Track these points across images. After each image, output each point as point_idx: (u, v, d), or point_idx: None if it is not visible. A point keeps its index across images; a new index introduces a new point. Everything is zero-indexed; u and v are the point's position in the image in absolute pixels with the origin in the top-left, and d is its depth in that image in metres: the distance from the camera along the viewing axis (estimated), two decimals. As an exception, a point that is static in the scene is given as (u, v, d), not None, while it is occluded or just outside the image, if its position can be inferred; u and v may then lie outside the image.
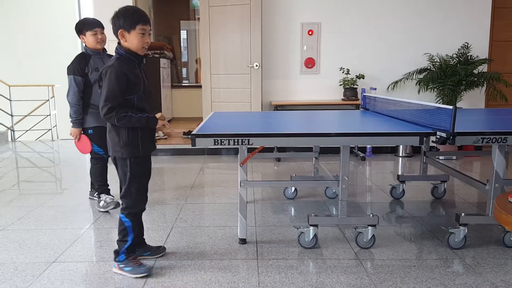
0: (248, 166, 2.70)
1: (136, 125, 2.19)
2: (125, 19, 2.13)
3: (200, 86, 6.06)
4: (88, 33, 3.30)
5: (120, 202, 2.37)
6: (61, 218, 3.29)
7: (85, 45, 3.37)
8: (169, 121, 8.00)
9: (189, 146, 5.85)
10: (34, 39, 9.71)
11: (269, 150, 5.38)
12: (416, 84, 5.67)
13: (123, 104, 2.15)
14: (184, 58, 9.47)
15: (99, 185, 3.50)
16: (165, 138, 6.40)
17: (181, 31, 9.24)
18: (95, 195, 3.55)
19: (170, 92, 8.26)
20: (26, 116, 8.16)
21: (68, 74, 3.27)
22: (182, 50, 9.38)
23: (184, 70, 9.52)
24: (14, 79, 8.20)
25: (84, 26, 3.32)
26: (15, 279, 2.29)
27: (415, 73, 5.61)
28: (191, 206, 3.56)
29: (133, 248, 2.34)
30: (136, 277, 2.28)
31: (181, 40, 9.28)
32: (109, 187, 3.55)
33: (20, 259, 2.55)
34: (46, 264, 2.47)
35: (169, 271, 2.37)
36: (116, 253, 2.32)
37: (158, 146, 5.88)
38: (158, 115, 2.29)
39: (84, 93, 3.29)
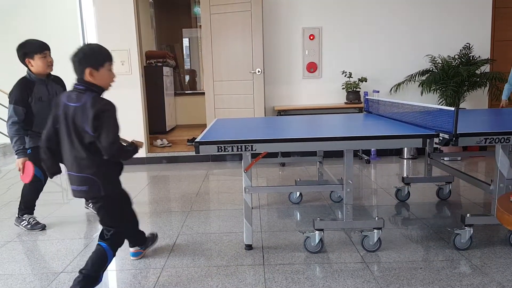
0: (252, 171, 2.72)
1: (130, 155, 2.23)
2: (93, 57, 2.09)
3: (203, 93, 6.09)
4: (37, 56, 3.05)
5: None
6: (67, 228, 3.31)
7: (29, 70, 3.10)
8: (173, 129, 8.04)
9: (193, 153, 5.88)
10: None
11: (273, 155, 5.39)
12: (418, 86, 5.66)
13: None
14: (187, 66, 9.52)
15: (27, 206, 3.32)
16: (170, 146, 6.43)
17: (184, 39, 9.29)
18: (19, 215, 3.34)
19: (174, 100, 8.31)
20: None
21: (9, 103, 3.03)
22: (184, 58, 9.43)
23: (187, 77, 9.57)
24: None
25: (32, 48, 3.05)
26: (24, 290, 2.31)
27: (417, 75, 5.61)
28: (196, 213, 3.58)
29: None
30: None
31: (184, 48, 9.33)
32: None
33: (28, 270, 2.57)
34: (54, 275, 2.49)
35: (176, 278, 2.38)
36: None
37: (162, 154, 5.94)
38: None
39: (25, 123, 3.05)
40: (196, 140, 2.45)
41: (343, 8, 5.65)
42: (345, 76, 5.63)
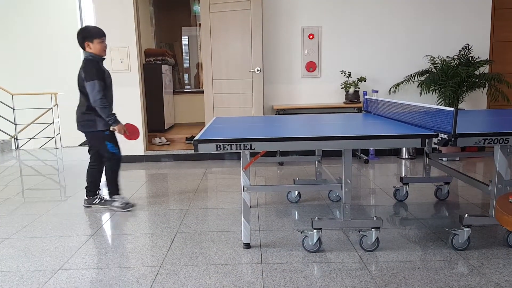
0: (251, 170, 2.72)
1: None
2: None
3: (202, 92, 6.08)
4: (96, 41, 3.45)
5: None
6: (65, 225, 3.31)
7: (91, 52, 3.46)
8: (171, 127, 8.03)
9: (192, 152, 5.88)
10: (36, 48, 9.79)
11: (272, 154, 5.39)
12: (417, 86, 5.67)
13: None
14: (186, 64, 9.51)
15: (113, 186, 3.69)
16: (168, 144, 6.43)
17: (183, 37, 9.27)
18: (110, 197, 3.71)
19: (173, 98, 8.30)
20: (30, 124, 8.21)
21: (89, 80, 3.37)
22: (184, 56, 9.41)
23: (186, 76, 9.56)
24: (17, 87, 8.27)
25: (92, 34, 3.45)
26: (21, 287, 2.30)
27: (416, 75, 5.61)
28: (194, 212, 3.57)
29: None
30: None
31: (183, 46, 9.32)
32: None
33: (26, 267, 2.56)
34: (52, 272, 2.48)
35: (174, 277, 2.38)
36: None
37: (161, 152, 5.94)
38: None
39: (105, 96, 3.45)
40: (195, 139, 2.45)
41: (343, 7, 5.65)
42: (344, 75, 5.63)
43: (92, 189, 3.78)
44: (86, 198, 3.78)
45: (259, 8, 5.25)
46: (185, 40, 9.32)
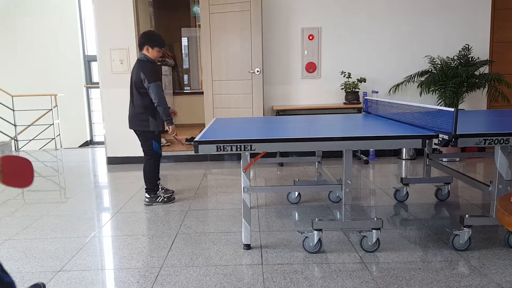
0: (251, 171, 2.71)
1: None
2: None
3: (201, 93, 6.08)
4: (156, 49, 3.67)
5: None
6: (66, 227, 3.30)
7: (147, 55, 3.67)
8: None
9: (192, 153, 5.88)
10: (36, 49, 9.78)
11: (272, 155, 5.39)
12: (417, 86, 5.67)
13: None
14: (186, 65, 9.50)
15: (153, 183, 3.82)
16: (168, 145, 6.42)
17: (182, 38, 9.27)
18: (151, 196, 3.83)
19: (172, 99, 8.29)
20: (30, 126, 8.21)
21: (152, 81, 3.57)
22: (183, 57, 9.41)
23: (185, 76, 9.55)
24: (17, 89, 8.27)
25: (157, 42, 3.68)
26: (22, 289, 2.30)
27: (416, 76, 5.62)
28: (195, 213, 3.57)
29: None
30: None
31: (183, 47, 9.31)
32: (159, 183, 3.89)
33: (27, 268, 2.56)
34: (53, 273, 2.48)
35: (174, 278, 2.37)
36: None
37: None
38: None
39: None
40: (195, 140, 2.44)
41: (343, 8, 5.65)
42: (344, 76, 5.63)
43: (151, 186, 3.89)
44: (152, 195, 3.87)
45: (258, 9, 5.26)
46: (184, 41, 9.32)
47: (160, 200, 3.84)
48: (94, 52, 8.88)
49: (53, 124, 8.09)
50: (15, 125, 7.82)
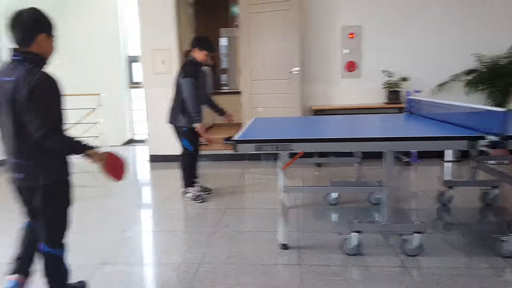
0: (288, 171, 2.70)
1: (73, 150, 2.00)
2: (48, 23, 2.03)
3: (239, 92, 6.11)
4: (206, 52, 3.77)
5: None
6: (110, 221, 3.42)
7: (194, 57, 3.79)
8: (209, 127, 8.12)
9: (230, 152, 5.92)
10: (80, 51, 10.20)
11: (309, 155, 5.34)
12: (463, 86, 5.45)
13: None
14: (224, 65, 9.60)
15: (188, 179, 3.90)
16: (206, 144, 6.50)
17: (221, 39, 9.37)
18: (184, 190, 3.97)
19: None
20: (76, 124, 8.55)
21: (185, 77, 3.68)
22: (222, 57, 9.51)
23: (223, 76, 9.66)
24: (63, 88, 8.63)
25: (206, 46, 3.79)
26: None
27: (462, 75, 5.40)
28: (232, 211, 3.60)
29: None
30: None
31: (221, 47, 9.42)
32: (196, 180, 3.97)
33: (73, 260, 2.66)
34: (97, 266, 2.57)
35: (212, 274, 2.40)
36: None
37: (200, 152, 6.00)
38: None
39: (196, 94, 3.72)
40: (234, 139, 2.46)
41: (384, 5, 5.51)
42: (385, 75, 5.49)
43: (188, 181, 3.99)
44: (183, 189, 4.00)
45: (297, 8, 5.22)
46: (223, 41, 9.42)
47: (189, 196, 3.89)
48: (136, 53, 9.11)
49: (97, 122, 8.40)
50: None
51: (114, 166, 2.14)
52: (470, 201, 3.68)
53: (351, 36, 5.55)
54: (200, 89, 3.80)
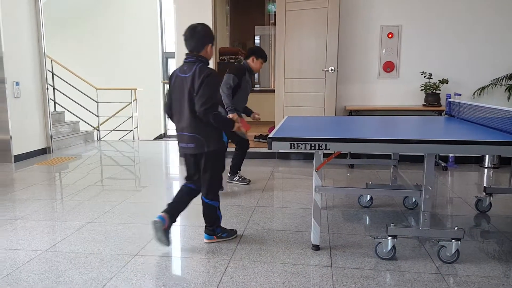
0: (319, 171, 2.66)
1: (222, 125, 2.74)
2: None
3: (271, 91, 6.09)
4: (260, 61, 4.19)
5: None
6: (142, 213, 3.47)
7: (248, 63, 4.20)
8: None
9: (260, 150, 5.92)
10: (118, 46, 10.45)
11: (343, 156, 5.27)
12: (505, 90, 5.24)
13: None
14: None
15: (233, 167, 4.48)
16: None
17: (256, 36, 9.37)
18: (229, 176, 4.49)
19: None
20: (111, 117, 8.76)
21: (228, 73, 4.05)
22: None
23: (256, 74, 9.65)
24: (100, 82, 8.86)
25: (264, 56, 4.21)
26: (101, 269, 2.45)
27: (504, 79, 5.19)
28: (262, 209, 3.58)
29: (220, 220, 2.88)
30: (233, 238, 2.89)
31: (255, 45, 9.41)
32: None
33: (106, 250, 2.72)
34: (129, 257, 2.61)
35: (243, 271, 2.39)
36: (211, 229, 2.80)
37: (230, 149, 6.02)
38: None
39: (233, 90, 4.08)
40: (269, 136, 2.45)
41: (425, 5, 5.36)
42: (424, 77, 5.34)
43: (233, 169, 4.47)
44: (229, 175, 4.48)
45: (336, 6, 5.15)
46: (257, 39, 9.42)
47: (236, 180, 4.46)
48: (172, 49, 9.23)
49: (132, 116, 8.57)
50: (98, 116, 8.39)
51: (244, 125, 3.42)
52: (510, 209, 3.53)
53: (390, 36, 5.43)
54: (243, 92, 4.20)
